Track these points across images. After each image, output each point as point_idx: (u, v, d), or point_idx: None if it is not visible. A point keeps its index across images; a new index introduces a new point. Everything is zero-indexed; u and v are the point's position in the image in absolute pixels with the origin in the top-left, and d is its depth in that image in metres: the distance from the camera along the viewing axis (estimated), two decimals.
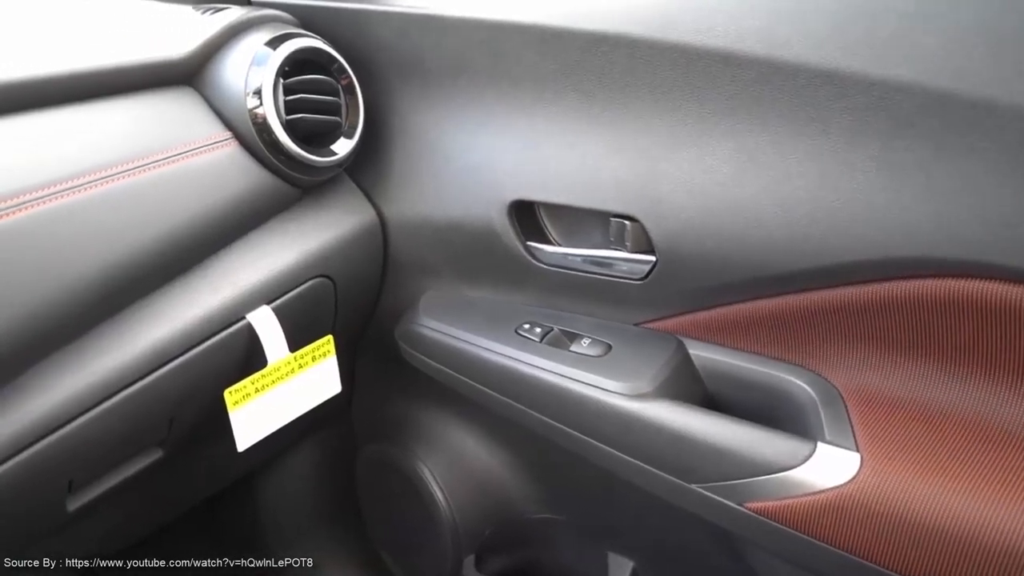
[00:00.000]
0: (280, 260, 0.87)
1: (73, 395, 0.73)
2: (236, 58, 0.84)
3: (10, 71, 0.74)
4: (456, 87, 0.85)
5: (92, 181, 0.73)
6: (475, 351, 0.87)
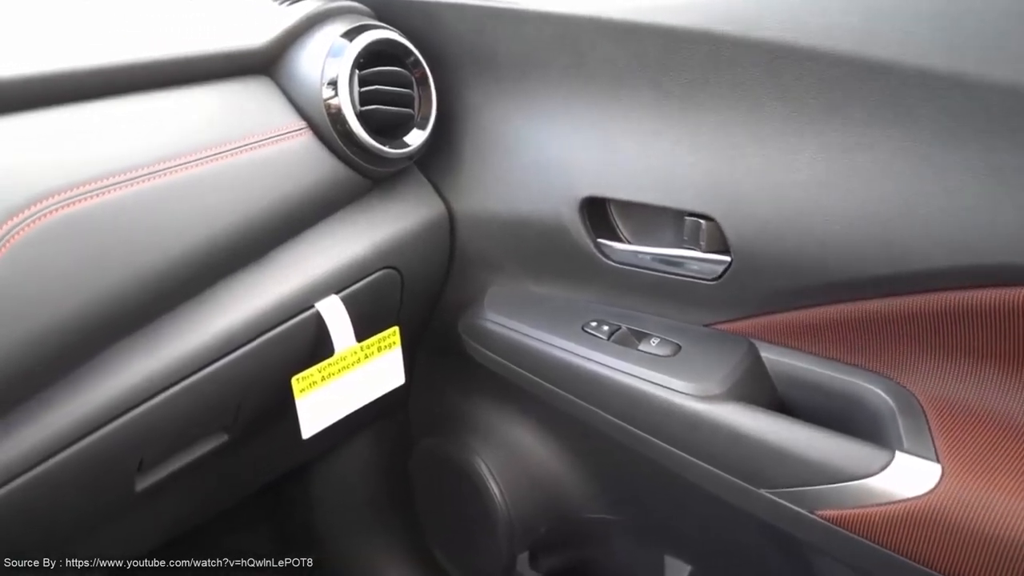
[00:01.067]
0: (349, 250, 0.87)
1: (147, 377, 0.75)
2: (313, 49, 0.85)
3: (95, 58, 0.75)
4: (530, 81, 0.85)
5: (171, 167, 0.74)
6: (540, 347, 0.86)
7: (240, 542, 1.44)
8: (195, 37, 0.84)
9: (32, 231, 0.65)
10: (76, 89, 0.74)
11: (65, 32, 0.80)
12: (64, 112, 0.73)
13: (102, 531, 0.93)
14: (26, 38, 0.77)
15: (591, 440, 0.97)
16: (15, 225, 0.65)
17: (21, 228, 0.65)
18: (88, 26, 0.83)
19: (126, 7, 0.90)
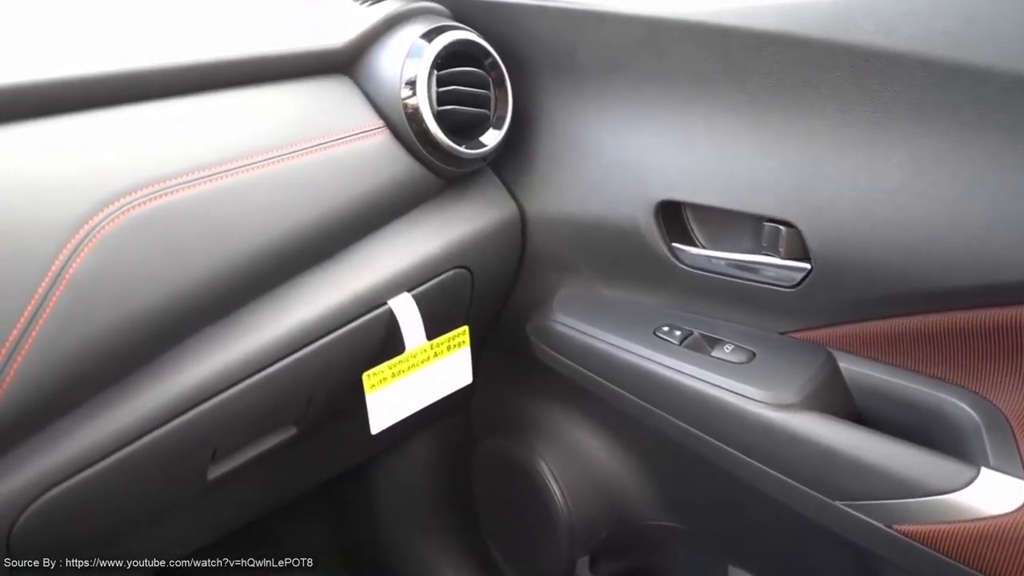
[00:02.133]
0: (422, 249, 0.88)
1: (225, 367, 0.76)
2: (392, 49, 0.86)
3: (182, 55, 0.77)
4: (609, 84, 0.85)
5: (253, 163, 0.76)
6: (611, 350, 0.86)
7: (297, 536, 1.46)
8: (277, 36, 0.85)
9: (120, 223, 0.67)
10: (164, 86, 0.76)
11: (153, 30, 0.83)
12: (152, 108, 0.75)
13: (169, 521, 0.95)
14: (116, 36, 0.79)
15: (658, 446, 0.96)
16: (105, 217, 0.66)
17: (111, 220, 0.67)
18: (175, 24, 0.85)
19: (212, 5, 0.92)
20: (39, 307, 0.62)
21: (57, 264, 0.64)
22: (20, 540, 0.69)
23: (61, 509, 0.70)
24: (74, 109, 0.70)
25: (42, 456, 0.68)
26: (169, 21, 0.86)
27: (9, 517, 0.67)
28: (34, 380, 0.63)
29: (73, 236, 0.65)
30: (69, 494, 0.70)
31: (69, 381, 0.66)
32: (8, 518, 0.67)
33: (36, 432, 0.68)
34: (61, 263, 0.64)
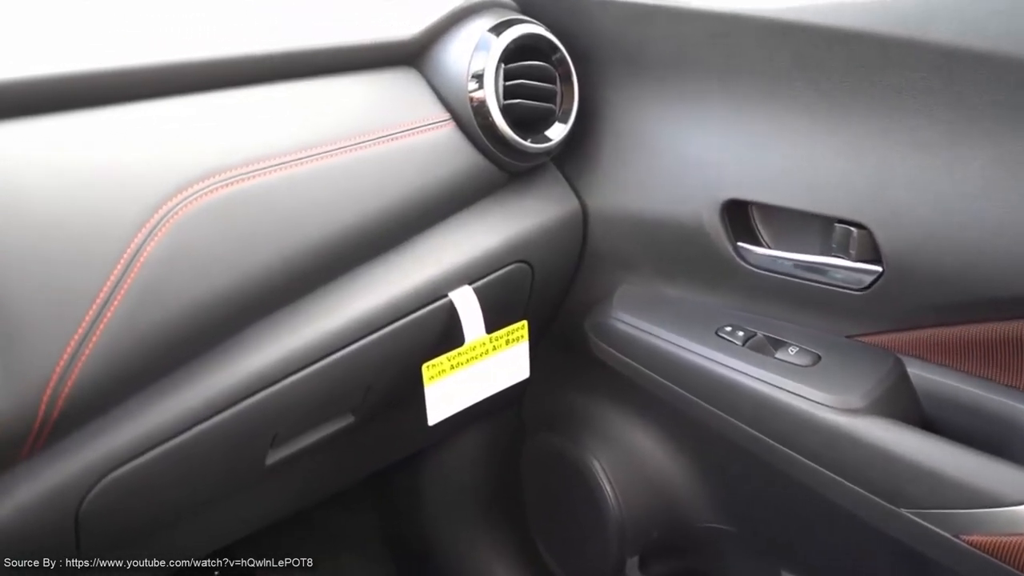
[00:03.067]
0: (484, 242, 0.88)
1: (287, 355, 0.77)
2: (459, 42, 0.86)
3: (253, 45, 0.78)
4: (677, 80, 0.84)
5: (320, 153, 0.76)
6: (671, 349, 0.85)
7: (344, 525, 1.47)
8: (346, 27, 0.86)
9: (193, 208, 0.68)
10: (237, 75, 0.77)
11: (226, 19, 0.84)
12: (225, 96, 0.76)
13: (227, 504, 0.96)
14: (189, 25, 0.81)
15: (714, 447, 0.95)
16: (178, 203, 0.68)
17: (184, 205, 0.68)
18: (247, 14, 0.86)
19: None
20: (115, 287, 0.64)
21: (133, 245, 0.65)
22: (88, 516, 0.71)
23: (127, 488, 0.72)
24: (152, 96, 0.72)
25: (112, 435, 0.69)
26: (242, 11, 0.87)
27: (78, 493, 0.69)
28: (108, 359, 0.64)
29: (149, 219, 0.66)
30: (135, 473, 0.71)
31: (141, 361, 0.67)
32: (77, 494, 0.69)
33: (106, 411, 0.69)
34: (137, 245, 0.65)
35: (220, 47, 0.76)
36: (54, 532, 0.70)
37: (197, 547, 1.08)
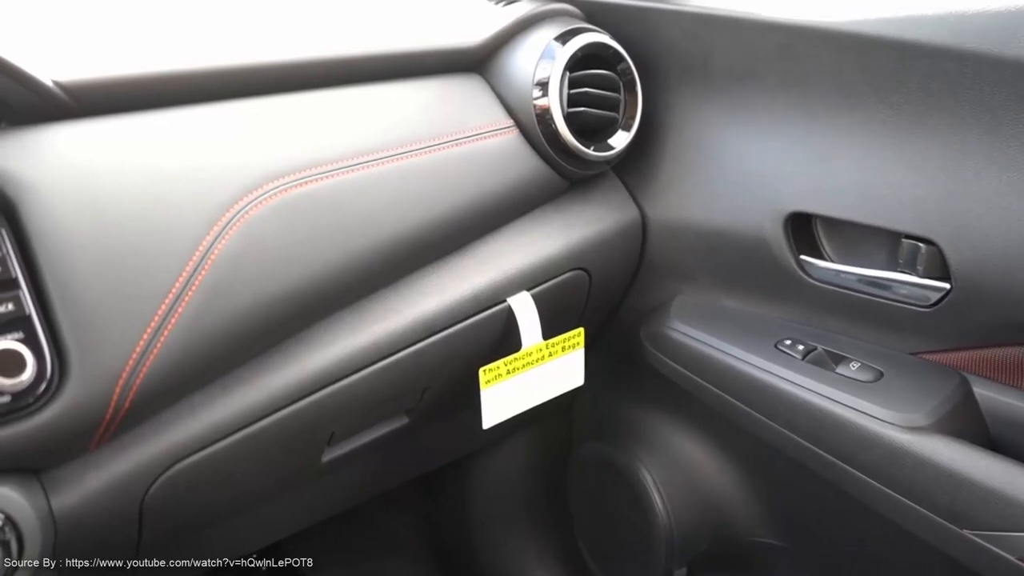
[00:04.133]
0: (543, 249, 0.89)
1: (348, 355, 0.78)
2: (525, 50, 0.87)
3: (325, 49, 0.80)
4: (743, 90, 0.84)
5: (388, 156, 0.78)
6: (729, 361, 0.85)
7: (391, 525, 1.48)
8: (414, 34, 0.87)
9: (264, 208, 0.70)
10: (308, 78, 0.78)
11: (297, 24, 0.85)
12: (297, 99, 0.78)
13: (282, 500, 0.98)
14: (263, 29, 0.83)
15: (767, 461, 0.94)
16: (248, 203, 0.69)
17: (255, 204, 0.69)
18: (317, 19, 0.88)
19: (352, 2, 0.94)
20: (186, 284, 0.65)
21: (205, 243, 0.66)
22: (151, 507, 0.72)
23: (190, 480, 0.73)
24: (227, 97, 0.74)
25: (177, 428, 0.71)
26: (313, 16, 0.88)
27: (144, 483, 0.70)
28: (178, 353, 0.65)
29: (221, 217, 0.67)
30: (198, 466, 0.73)
31: (209, 356, 0.68)
32: (143, 485, 0.70)
33: (173, 404, 0.71)
34: (208, 243, 0.66)
35: (293, 51, 0.78)
36: (119, 521, 0.72)
37: (249, 543, 1.10)
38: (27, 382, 0.59)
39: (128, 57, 0.72)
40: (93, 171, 0.66)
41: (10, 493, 0.62)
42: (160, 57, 0.73)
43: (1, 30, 0.68)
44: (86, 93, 0.68)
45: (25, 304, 0.60)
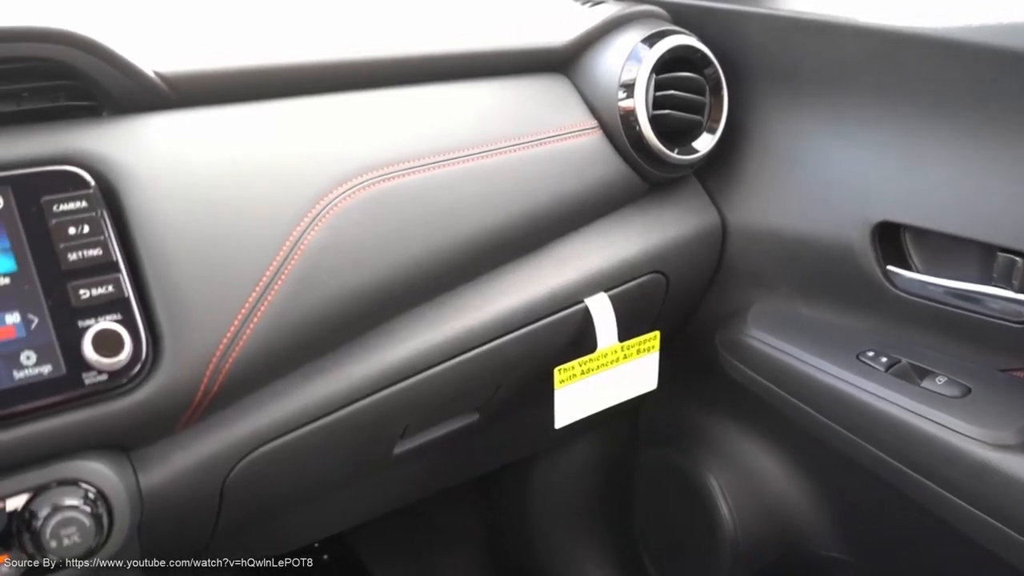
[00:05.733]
0: (623, 251, 0.89)
1: (427, 349, 0.79)
2: (612, 52, 0.87)
3: (413, 46, 0.81)
4: (833, 96, 0.82)
5: (473, 154, 0.78)
6: (808, 371, 0.84)
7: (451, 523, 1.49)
8: (501, 33, 0.88)
9: (352, 201, 0.71)
10: (397, 75, 0.80)
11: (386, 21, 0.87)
12: (385, 95, 0.79)
13: (352, 490, 0.99)
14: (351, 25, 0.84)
15: (842, 474, 0.93)
16: (339, 194, 0.70)
17: (344, 197, 0.71)
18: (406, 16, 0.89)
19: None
20: (276, 273, 0.67)
21: (295, 234, 0.68)
22: (231, 489, 0.74)
23: (269, 465, 0.74)
24: (318, 91, 0.75)
25: (260, 413, 0.72)
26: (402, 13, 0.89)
27: (227, 466, 0.72)
28: (266, 340, 0.67)
29: (312, 208, 0.69)
30: (278, 452, 0.74)
31: (294, 344, 0.69)
32: (226, 467, 0.72)
33: (257, 390, 0.72)
34: (299, 233, 0.68)
35: (384, 48, 0.79)
36: (200, 502, 0.73)
37: (315, 531, 1.12)
38: (123, 362, 0.60)
39: (224, 51, 0.74)
40: (190, 160, 0.68)
41: (103, 469, 0.64)
42: (256, 51, 0.74)
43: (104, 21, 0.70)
44: (185, 84, 0.70)
45: (124, 287, 0.62)
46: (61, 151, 0.63)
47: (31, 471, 0.61)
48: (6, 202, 0.60)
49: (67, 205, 0.62)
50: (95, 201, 0.62)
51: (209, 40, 0.75)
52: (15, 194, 0.60)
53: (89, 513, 0.62)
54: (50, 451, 0.62)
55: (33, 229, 0.60)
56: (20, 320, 0.59)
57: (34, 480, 0.61)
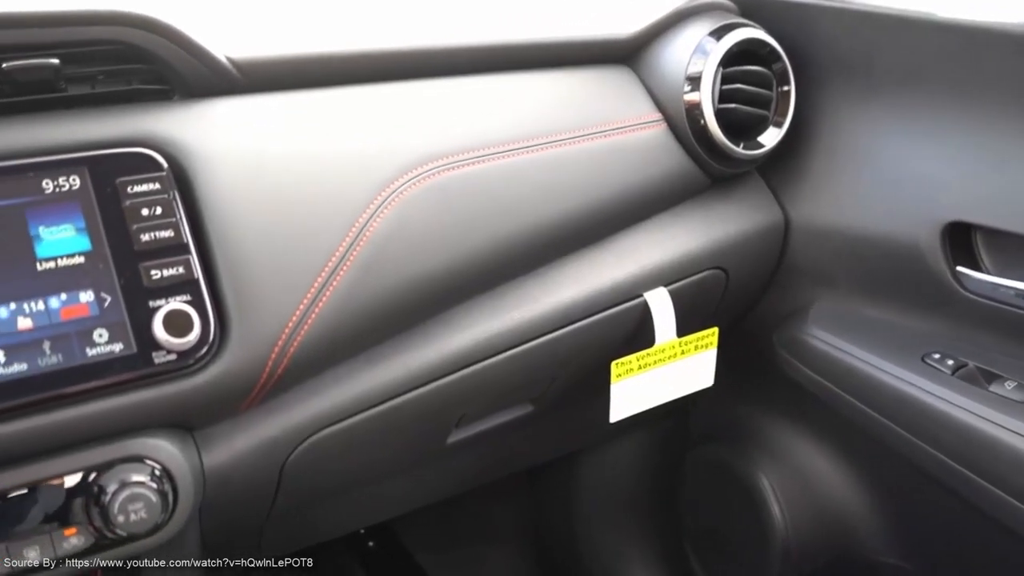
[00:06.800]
0: (683, 245, 0.88)
1: (486, 339, 0.79)
2: (678, 44, 0.86)
3: (478, 36, 0.81)
4: (906, 93, 0.81)
5: (537, 145, 0.78)
6: (871, 372, 0.82)
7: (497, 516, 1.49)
8: (565, 23, 0.87)
9: (419, 188, 0.71)
10: (462, 63, 0.80)
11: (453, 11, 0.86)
12: (450, 83, 0.79)
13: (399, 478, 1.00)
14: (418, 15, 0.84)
15: (902, 477, 0.91)
16: (405, 182, 0.71)
17: (410, 185, 0.71)
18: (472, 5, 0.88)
19: None
20: (341, 260, 0.67)
21: (360, 222, 0.68)
22: (290, 472, 0.75)
23: (327, 449, 0.75)
24: (387, 79, 0.75)
25: (321, 397, 0.73)
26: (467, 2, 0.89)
27: (287, 448, 0.73)
28: (329, 325, 0.67)
29: (376, 197, 0.69)
30: (337, 436, 0.75)
31: (357, 330, 0.70)
32: (286, 449, 0.73)
33: (319, 374, 0.73)
34: (365, 219, 0.68)
35: (451, 37, 0.79)
36: (260, 482, 0.74)
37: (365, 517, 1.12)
38: (192, 343, 0.61)
39: (293, 37, 0.74)
40: (258, 144, 0.68)
41: (169, 447, 0.65)
42: (323, 39, 0.75)
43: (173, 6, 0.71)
44: (255, 70, 0.70)
45: (194, 268, 0.63)
46: (135, 134, 0.64)
47: (98, 447, 0.63)
48: (82, 182, 0.61)
49: (141, 187, 0.63)
50: (167, 183, 0.63)
51: (278, 27, 0.76)
52: (91, 175, 0.61)
53: (155, 490, 0.63)
54: (118, 428, 0.63)
55: (108, 210, 0.61)
56: (94, 299, 0.60)
57: (101, 456, 0.63)
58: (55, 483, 0.61)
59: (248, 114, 0.70)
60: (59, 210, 0.60)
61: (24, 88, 0.62)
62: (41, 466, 0.61)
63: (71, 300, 0.59)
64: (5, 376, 0.57)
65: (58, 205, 0.60)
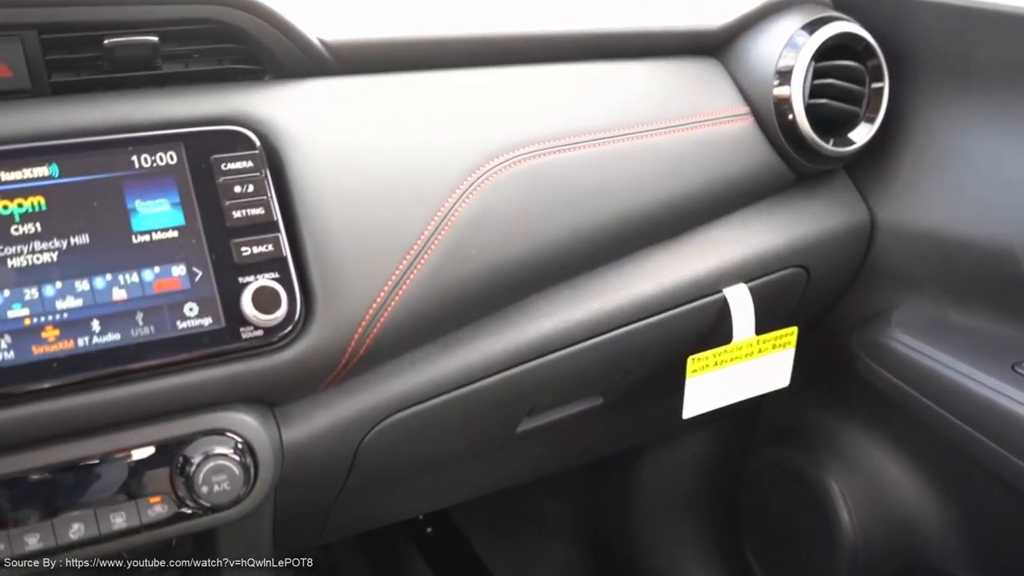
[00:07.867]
0: (765, 242, 0.86)
1: (563, 328, 0.79)
2: (769, 37, 0.84)
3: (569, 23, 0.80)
4: (1007, 91, 0.78)
5: (624, 135, 0.78)
6: (957, 380, 0.80)
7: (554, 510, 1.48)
8: (655, 13, 0.86)
9: (504, 175, 0.71)
10: (553, 51, 0.79)
11: None
12: (540, 70, 0.79)
13: (467, 465, 1.00)
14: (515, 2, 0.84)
15: (982, 490, 0.88)
16: (489, 169, 0.71)
17: (495, 172, 0.71)
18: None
19: None
20: (426, 243, 0.67)
21: (446, 206, 0.68)
22: (365, 452, 0.75)
23: (402, 431, 0.76)
24: (476, 64, 0.75)
25: (399, 380, 0.73)
26: None
27: (364, 428, 0.73)
28: (411, 308, 0.67)
29: (464, 180, 0.69)
30: (412, 419, 0.75)
31: (438, 314, 0.70)
32: (362, 429, 0.73)
33: (398, 356, 0.73)
34: (451, 204, 0.68)
35: (539, 24, 0.79)
36: (335, 461, 0.75)
37: (431, 502, 1.13)
38: (278, 319, 0.62)
39: (384, 21, 0.74)
40: (348, 126, 0.69)
41: (251, 421, 0.66)
42: (414, 23, 0.75)
43: None
44: (347, 52, 0.71)
45: (282, 246, 0.63)
46: (229, 112, 0.65)
47: (184, 419, 0.64)
48: (178, 158, 0.62)
49: (234, 164, 0.63)
50: (260, 161, 0.64)
51: (369, 10, 0.76)
52: (187, 151, 0.62)
53: (238, 462, 0.64)
54: (203, 401, 0.64)
55: (202, 186, 0.62)
56: (186, 272, 0.61)
57: (186, 427, 0.64)
58: (142, 452, 0.62)
59: (339, 96, 0.70)
60: (155, 184, 0.61)
61: (122, 65, 0.64)
62: (129, 434, 0.62)
63: (164, 273, 0.60)
64: (99, 345, 0.58)
65: (154, 180, 0.61)
